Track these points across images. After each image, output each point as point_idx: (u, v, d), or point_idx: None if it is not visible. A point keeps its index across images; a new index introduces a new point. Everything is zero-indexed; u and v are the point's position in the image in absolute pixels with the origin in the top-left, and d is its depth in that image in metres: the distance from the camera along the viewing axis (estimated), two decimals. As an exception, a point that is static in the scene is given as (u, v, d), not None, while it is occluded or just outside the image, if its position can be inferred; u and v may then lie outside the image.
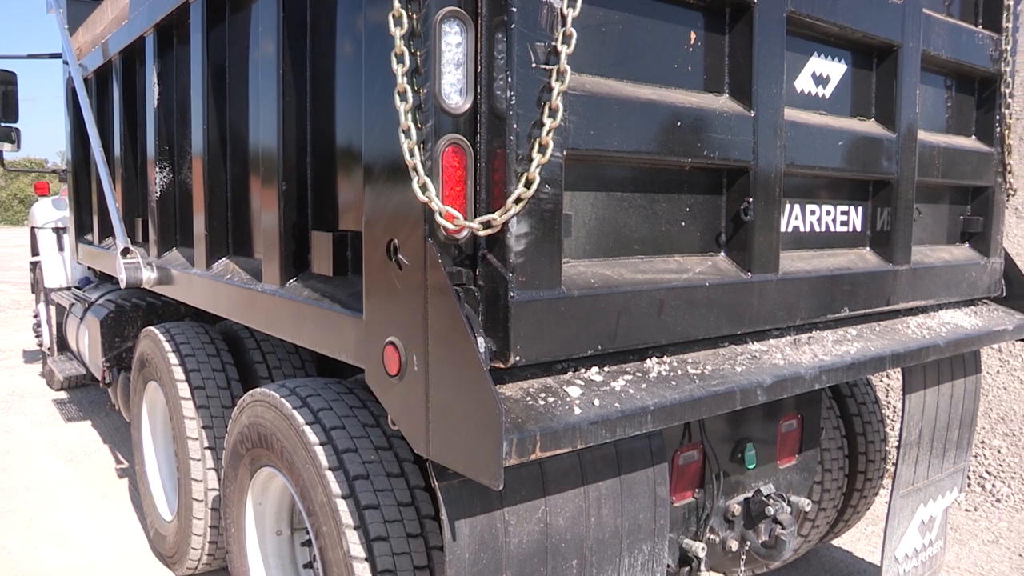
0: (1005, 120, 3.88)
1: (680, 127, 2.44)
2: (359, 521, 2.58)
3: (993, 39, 3.78)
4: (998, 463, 6.19)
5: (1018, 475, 6.09)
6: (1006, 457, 6.23)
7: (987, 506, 5.92)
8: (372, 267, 2.29)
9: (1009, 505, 5.92)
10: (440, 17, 2.01)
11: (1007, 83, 3.84)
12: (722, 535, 3.51)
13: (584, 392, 2.16)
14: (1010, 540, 5.45)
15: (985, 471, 6.18)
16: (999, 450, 6.29)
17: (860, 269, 3.18)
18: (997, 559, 5.18)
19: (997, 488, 6.05)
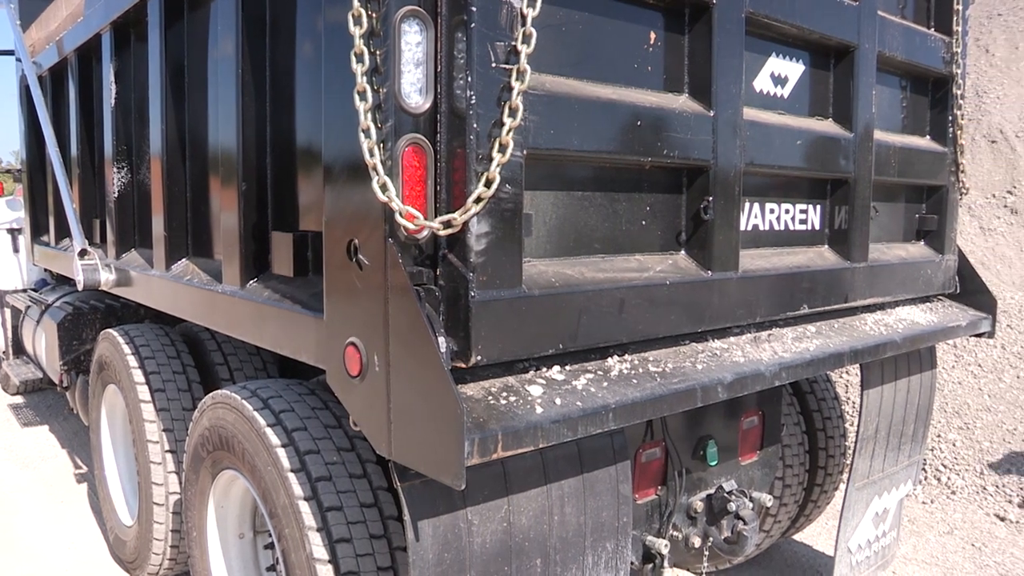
0: (957, 121, 3.95)
1: (640, 127, 2.46)
2: (322, 523, 2.57)
3: (945, 42, 3.85)
4: (953, 456, 6.31)
5: (972, 468, 6.21)
6: (961, 450, 6.35)
7: (943, 498, 6.03)
8: (332, 267, 2.28)
9: (963, 497, 6.03)
10: (400, 16, 2.00)
11: (958, 85, 3.91)
12: (685, 531, 3.54)
13: (546, 391, 2.17)
14: (964, 531, 5.55)
15: (941, 464, 6.29)
16: (954, 443, 6.40)
17: (819, 267, 3.23)
18: (952, 549, 5.27)
19: (952, 480, 6.16)
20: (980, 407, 6.58)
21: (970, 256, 4.32)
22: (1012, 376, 6.84)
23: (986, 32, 11.32)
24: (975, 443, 6.37)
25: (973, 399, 6.71)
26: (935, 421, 6.47)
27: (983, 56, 10.93)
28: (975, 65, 10.73)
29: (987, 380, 6.82)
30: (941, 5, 3.90)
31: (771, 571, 4.84)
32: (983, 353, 7.05)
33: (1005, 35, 11.21)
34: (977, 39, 11.15)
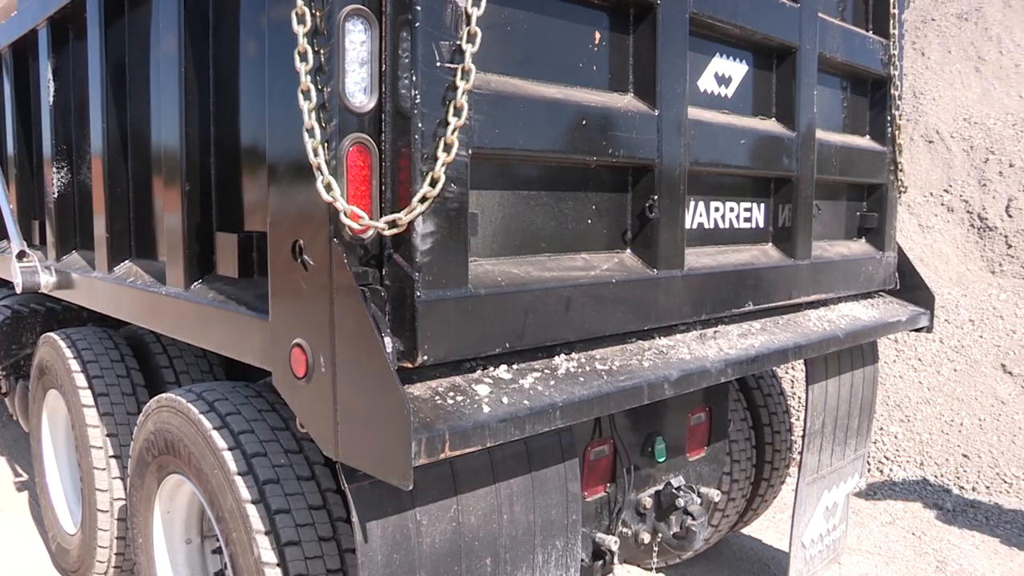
0: (895, 121, 4.04)
1: (585, 126, 2.47)
2: (270, 526, 2.54)
3: (882, 44, 3.94)
4: (895, 448, 6.46)
5: (913, 459, 6.36)
6: (902, 442, 6.50)
7: (885, 489, 6.17)
8: (278, 268, 2.26)
9: (904, 488, 6.18)
10: (344, 15, 1.99)
11: (896, 86, 4.00)
12: (634, 528, 3.57)
13: (493, 390, 2.17)
14: (905, 520, 5.69)
15: (883, 456, 6.43)
16: (896, 436, 6.55)
17: (763, 264, 3.27)
18: (893, 539, 5.40)
19: (894, 472, 6.31)
20: (920, 400, 6.75)
21: (909, 253, 4.42)
22: (950, 369, 7.02)
23: (921, 36, 11.60)
24: (915, 435, 6.52)
25: (913, 392, 6.87)
26: (878, 414, 6.62)
27: (919, 59, 11.20)
28: (912, 67, 10.98)
29: (926, 373, 6.99)
30: (878, 8, 3.98)
31: (720, 565, 4.90)
32: (923, 347, 7.23)
33: (939, 39, 11.50)
34: (913, 42, 11.43)
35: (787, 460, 4.68)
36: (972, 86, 10.72)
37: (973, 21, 11.61)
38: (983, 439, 6.38)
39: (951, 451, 6.33)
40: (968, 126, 10.01)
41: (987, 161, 9.44)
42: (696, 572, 4.74)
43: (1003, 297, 7.84)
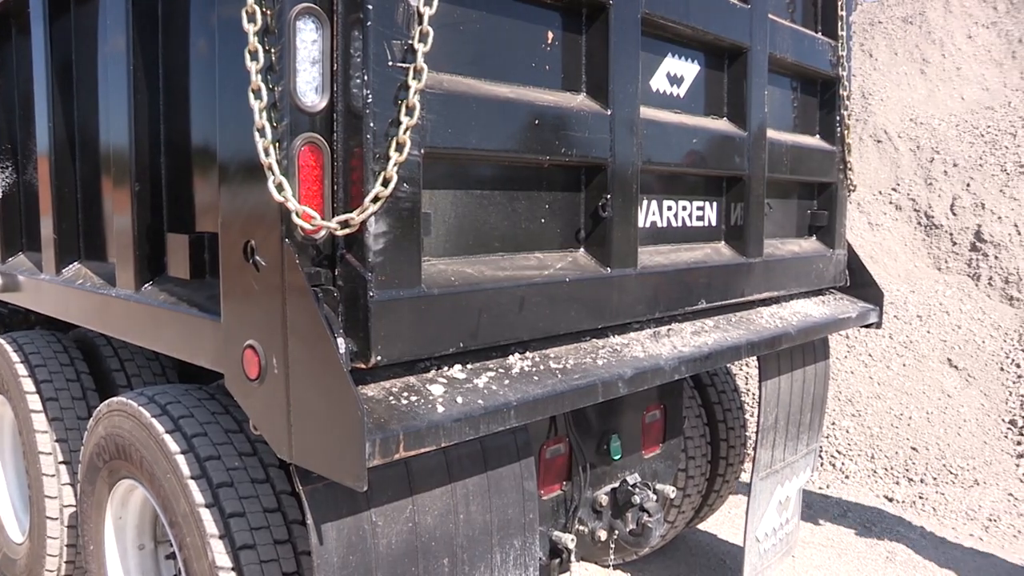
0: (844, 121, 4.11)
1: (538, 125, 2.48)
2: (224, 530, 2.51)
3: (831, 45, 4.00)
4: (847, 443, 6.57)
5: (864, 453, 6.48)
6: (853, 437, 6.61)
7: (837, 483, 6.28)
8: (229, 269, 2.24)
9: (855, 481, 6.30)
10: (295, 14, 1.98)
11: (844, 87, 4.07)
12: (591, 525, 3.58)
13: (447, 390, 2.17)
14: (856, 513, 5.80)
15: (836, 451, 6.54)
16: (847, 430, 6.67)
17: (716, 262, 3.31)
18: (845, 531, 5.50)
19: (846, 466, 6.42)
20: (870, 394, 6.87)
21: (859, 250, 4.49)
22: (899, 364, 7.16)
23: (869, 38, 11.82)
24: (866, 429, 6.64)
25: (864, 387, 6.99)
26: (829, 409, 6.72)
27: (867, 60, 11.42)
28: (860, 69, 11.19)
29: (876, 368, 7.12)
30: (827, 10, 4.04)
31: (676, 561, 4.95)
32: (872, 343, 7.36)
33: (886, 41, 11.73)
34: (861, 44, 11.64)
35: (741, 456, 4.74)
36: (918, 87, 10.96)
37: (917, 24, 11.87)
38: (931, 432, 6.52)
39: (900, 444, 6.46)
40: (914, 126, 10.22)
41: (932, 160, 9.65)
42: (653, 568, 4.78)
43: (949, 293, 8.02)
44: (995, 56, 11.53)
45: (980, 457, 6.32)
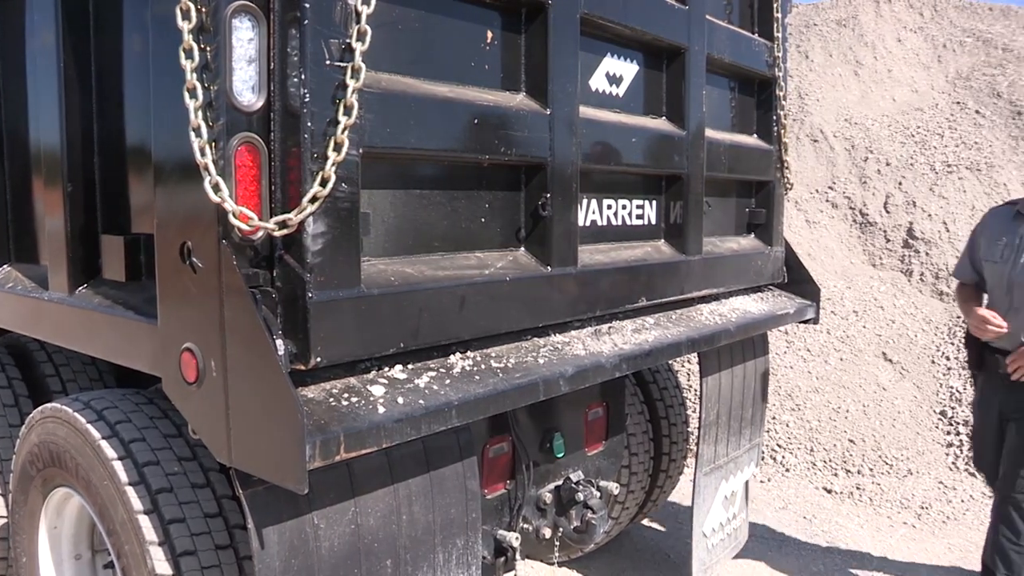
0: (781, 120, 4.19)
1: (477, 125, 2.49)
2: (164, 536, 2.47)
3: (767, 46, 4.07)
4: (787, 436, 6.69)
5: (804, 446, 6.61)
6: (793, 430, 6.74)
7: (778, 476, 6.39)
8: (165, 271, 2.20)
9: (796, 474, 6.42)
10: (230, 11, 1.95)
11: (780, 87, 4.14)
12: (535, 523, 3.60)
13: (388, 390, 2.17)
14: (797, 505, 5.92)
15: (776, 444, 6.66)
16: (787, 424, 6.79)
17: (655, 260, 3.35)
18: (786, 523, 5.61)
19: (786, 459, 6.54)
20: (809, 389, 7.01)
21: (797, 248, 4.58)
22: (836, 359, 7.32)
23: (805, 40, 12.07)
24: (806, 423, 6.78)
25: (803, 382, 7.13)
26: (770, 404, 6.84)
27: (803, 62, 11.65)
28: (797, 70, 11.40)
29: (815, 363, 7.27)
30: (763, 12, 4.11)
31: (621, 557, 4.99)
32: (811, 338, 7.51)
33: (821, 43, 11.98)
34: (798, 45, 11.87)
35: (684, 452, 4.79)
36: (852, 88, 11.21)
37: (851, 28, 12.15)
38: (867, 424, 6.68)
39: (838, 437, 6.60)
40: (849, 126, 10.46)
41: (867, 160, 9.89)
42: (598, 565, 4.81)
43: (883, 289, 8.22)
44: (923, 60, 11.86)
45: (913, 447, 6.50)
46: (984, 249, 3.99)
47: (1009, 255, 3.84)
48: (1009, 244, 3.84)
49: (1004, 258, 3.85)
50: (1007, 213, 3.96)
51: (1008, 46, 11.76)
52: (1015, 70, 11.17)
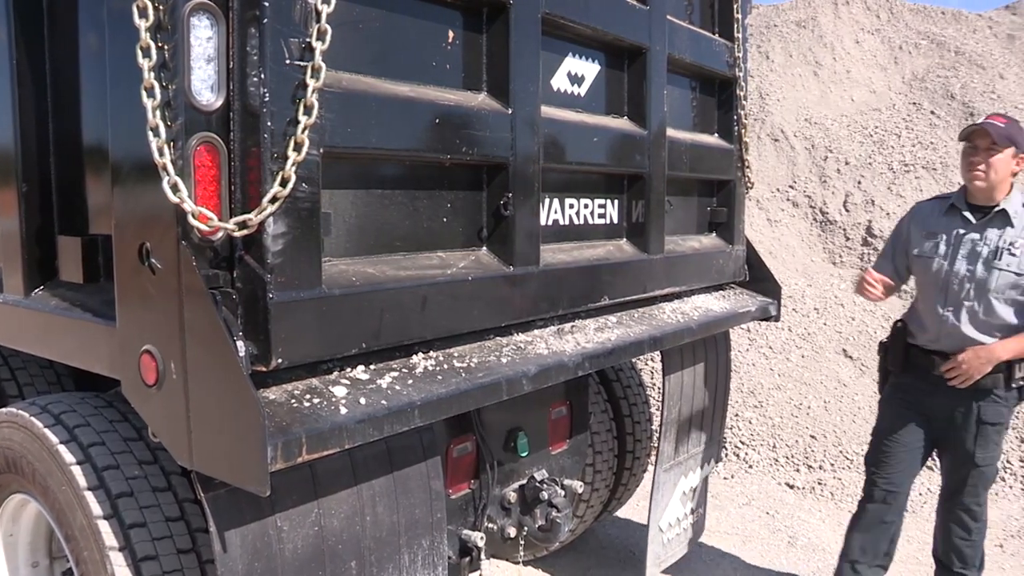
0: (741, 120, 4.23)
1: (439, 124, 2.48)
2: (124, 542, 2.44)
3: (728, 47, 4.11)
4: (749, 433, 6.76)
5: (766, 442, 6.68)
6: (756, 427, 6.81)
7: (741, 473, 6.46)
8: (124, 272, 2.17)
9: (759, 470, 6.49)
10: (188, 10, 1.93)
11: (741, 87, 4.18)
12: (500, 523, 3.60)
13: (350, 391, 2.16)
14: (760, 501, 5.98)
15: (739, 441, 6.73)
16: (750, 421, 6.86)
17: (618, 259, 3.36)
18: (750, 519, 5.67)
19: (749, 456, 6.60)
20: (771, 386, 7.09)
21: (759, 246, 4.63)
22: (798, 356, 7.41)
23: (766, 40, 12.21)
24: (768, 419, 6.85)
25: (765, 379, 7.21)
26: (732, 401, 6.91)
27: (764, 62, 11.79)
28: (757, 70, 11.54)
29: (777, 360, 7.36)
30: (723, 13, 4.15)
31: (587, 555, 5.02)
32: (773, 336, 7.60)
33: (781, 44, 12.13)
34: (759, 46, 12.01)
35: (648, 449, 4.82)
36: (811, 88, 11.36)
37: (810, 29, 12.31)
38: (828, 420, 6.77)
39: (800, 433, 6.69)
40: (809, 126, 10.60)
41: (826, 159, 10.03)
42: (563, 563, 4.83)
43: (843, 287, 8.34)
44: (880, 61, 12.05)
45: (873, 443, 6.59)
46: (916, 245, 3.84)
47: (946, 252, 3.70)
48: (947, 241, 3.71)
49: (942, 254, 3.71)
50: (938, 208, 3.83)
51: (960, 49, 12.00)
52: (967, 72, 11.40)
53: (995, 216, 3.61)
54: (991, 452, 3.73)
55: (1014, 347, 3.56)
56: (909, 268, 3.93)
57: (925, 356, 3.76)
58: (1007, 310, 3.58)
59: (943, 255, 3.69)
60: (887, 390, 4.02)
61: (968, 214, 3.67)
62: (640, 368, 6.85)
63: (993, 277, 3.57)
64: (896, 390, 3.96)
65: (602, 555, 5.05)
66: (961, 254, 3.65)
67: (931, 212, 3.85)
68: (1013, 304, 3.59)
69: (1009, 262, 3.55)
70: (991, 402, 3.65)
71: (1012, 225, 3.58)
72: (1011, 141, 3.53)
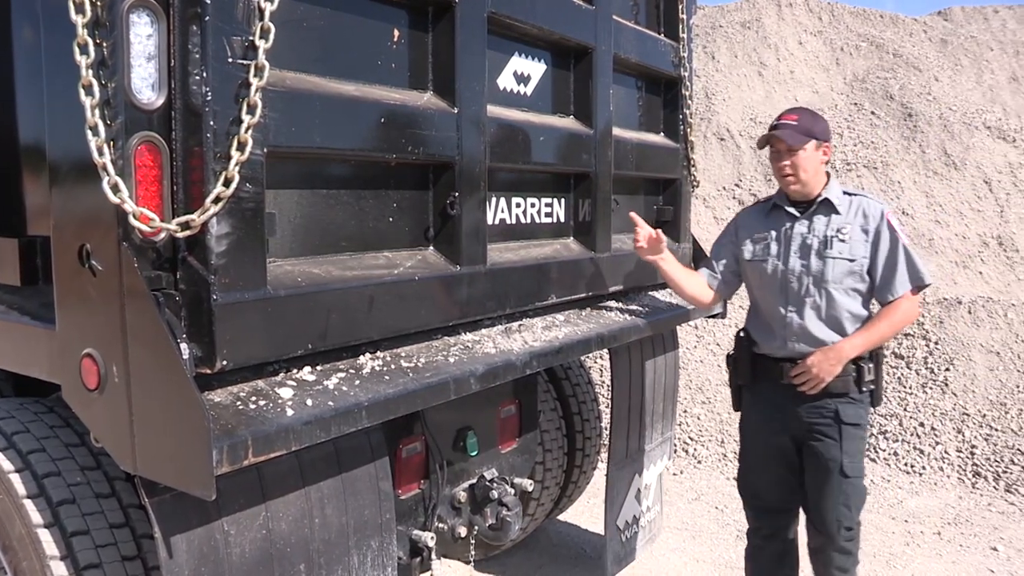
0: (687, 119, 4.28)
1: (384, 124, 2.47)
2: (66, 550, 2.38)
3: (673, 47, 4.15)
4: (698, 429, 6.84)
5: (715, 438, 6.76)
6: (704, 423, 6.89)
7: (691, 468, 6.53)
8: (63, 275, 2.12)
9: (707, 465, 6.57)
10: (127, 6, 1.89)
11: (686, 86, 4.23)
12: (450, 522, 3.59)
13: (297, 393, 2.14)
14: (709, 496, 6.05)
15: (688, 437, 6.80)
16: (698, 417, 6.94)
17: (565, 258, 3.38)
18: (699, 514, 5.74)
19: (698, 451, 6.68)
20: (719, 382, 7.18)
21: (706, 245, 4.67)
22: (745, 352, 7.50)
23: (711, 41, 12.38)
24: (716, 415, 6.94)
25: (713, 375, 7.30)
26: (681, 398, 6.99)
27: (710, 62, 11.94)
28: (704, 70, 11.68)
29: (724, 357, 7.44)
30: (669, 13, 4.20)
31: (538, 553, 5.04)
32: (720, 332, 7.70)
33: (727, 44, 12.31)
34: (705, 47, 12.16)
35: (598, 447, 4.85)
36: (756, 88, 11.54)
37: (755, 30, 12.51)
38: (774, 415, 6.86)
39: (747, 428, 6.78)
40: (754, 125, 10.76)
41: (771, 158, 10.17)
42: (515, 561, 4.85)
43: (789, 283, 8.45)
44: (822, 62, 12.30)
45: (818, 437, 6.70)
46: (747, 251, 3.60)
47: (778, 250, 3.49)
48: (777, 239, 3.50)
49: (774, 254, 3.50)
50: (761, 211, 3.64)
51: (898, 52, 12.30)
52: (904, 74, 11.69)
53: (819, 206, 3.44)
54: (858, 462, 3.47)
55: (860, 343, 3.37)
56: (738, 275, 3.72)
57: (775, 364, 3.51)
58: (850, 301, 3.41)
59: (776, 255, 3.50)
60: (743, 407, 3.78)
61: (792, 209, 3.49)
62: (589, 366, 6.89)
63: (828, 267, 3.38)
64: (751, 405, 3.72)
65: (554, 553, 5.07)
66: (793, 249, 3.46)
67: (756, 216, 3.65)
68: (854, 294, 3.42)
69: (841, 249, 3.38)
70: (848, 403, 3.43)
71: (838, 212, 3.42)
72: (808, 135, 3.35)
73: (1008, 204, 10.14)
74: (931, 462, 6.35)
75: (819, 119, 3.47)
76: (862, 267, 3.39)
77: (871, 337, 3.38)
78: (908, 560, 5.07)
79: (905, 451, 6.47)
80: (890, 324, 3.42)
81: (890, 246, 3.36)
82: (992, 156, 10.58)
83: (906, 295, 3.37)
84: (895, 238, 3.36)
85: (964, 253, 9.54)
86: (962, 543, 5.31)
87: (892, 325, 3.43)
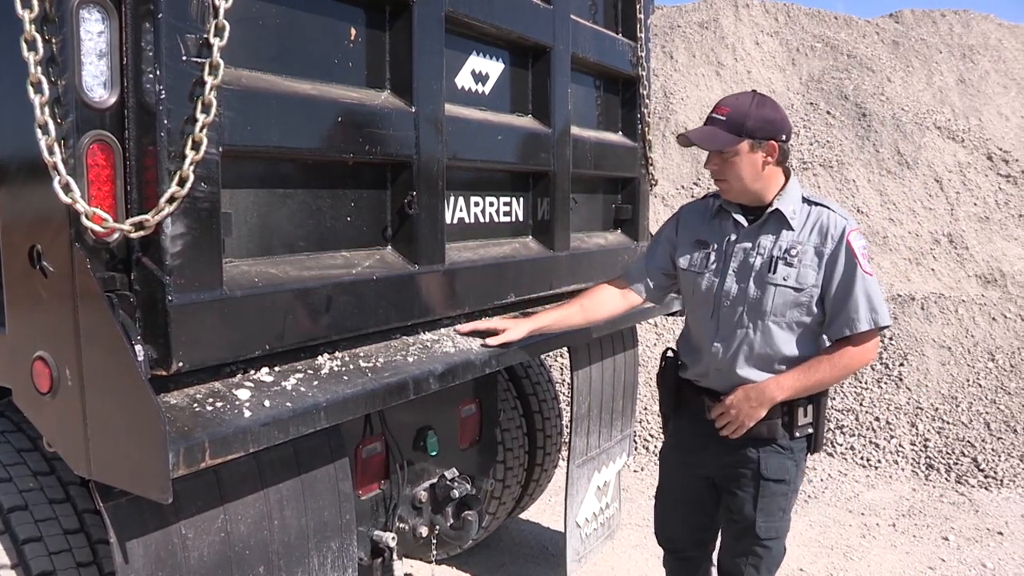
0: (645, 118, 4.31)
1: (342, 123, 2.46)
2: (18, 558, 2.34)
3: (631, 46, 4.18)
4: (658, 426, 6.89)
5: (675, 435, 6.80)
6: (664, 420, 6.93)
7: (651, 466, 6.57)
8: (13, 277, 2.09)
9: (668, 463, 6.60)
10: (77, 2, 1.87)
11: (644, 86, 4.26)
12: (411, 523, 3.59)
13: (254, 394, 2.12)
14: (670, 493, 6.08)
15: (649, 434, 6.85)
16: (658, 414, 6.97)
17: (524, 257, 3.39)
18: (660, 511, 5.75)
19: (658, 448, 6.71)
20: (678, 380, 7.22)
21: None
22: (704, 350, 7.56)
23: (670, 41, 12.48)
24: (676, 412, 6.97)
25: (672, 373, 7.33)
26: (641, 395, 7.03)
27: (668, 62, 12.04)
28: (662, 70, 11.77)
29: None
30: (626, 13, 4.22)
31: (500, 551, 5.04)
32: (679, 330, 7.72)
33: (685, 44, 12.41)
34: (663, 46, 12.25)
35: (559, 445, 4.86)
36: (714, 88, 11.66)
37: (712, 30, 12.64)
38: (733, 412, 6.93)
39: (706, 425, 6.83)
40: (712, 124, 10.85)
41: (729, 156, 10.29)
42: (477, 560, 4.85)
43: (746, 281, 8.55)
44: (779, 62, 12.46)
45: (777, 432, 6.79)
46: (684, 255, 3.02)
47: (718, 266, 2.91)
48: (718, 251, 2.92)
49: (713, 270, 2.92)
50: (704, 209, 3.04)
51: (852, 52, 12.51)
52: (858, 75, 11.90)
53: (768, 219, 2.82)
54: (776, 522, 2.93)
55: (792, 384, 2.77)
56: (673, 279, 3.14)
57: (696, 395, 2.99)
58: (788, 338, 2.80)
59: (714, 271, 2.91)
60: (666, 439, 3.34)
61: (740, 216, 2.87)
62: (549, 364, 6.91)
63: (768, 296, 2.77)
64: (672, 438, 3.24)
65: (516, 551, 5.08)
66: (732, 267, 2.87)
67: (700, 216, 3.04)
68: (798, 328, 2.80)
69: (786, 274, 2.75)
70: (773, 453, 2.87)
71: (790, 228, 2.79)
72: (738, 134, 2.73)
73: (958, 203, 10.37)
74: (886, 455, 6.46)
75: (764, 110, 2.78)
76: (811, 297, 2.76)
77: (805, 380, 2.77)
78: (864, 552, 5.15)
79: (861, 445, 6.58)
80: (831, 368, 2.77)
81: (845, 272, 2.73)
82: (943, 156, 10.80)
83: (859, 336, 2.74)
84: (853, 263, 2.72)
85: (917, 250, 9.73)
86: (915, 534, 5.41)
87: (834, 369, 2.78)
